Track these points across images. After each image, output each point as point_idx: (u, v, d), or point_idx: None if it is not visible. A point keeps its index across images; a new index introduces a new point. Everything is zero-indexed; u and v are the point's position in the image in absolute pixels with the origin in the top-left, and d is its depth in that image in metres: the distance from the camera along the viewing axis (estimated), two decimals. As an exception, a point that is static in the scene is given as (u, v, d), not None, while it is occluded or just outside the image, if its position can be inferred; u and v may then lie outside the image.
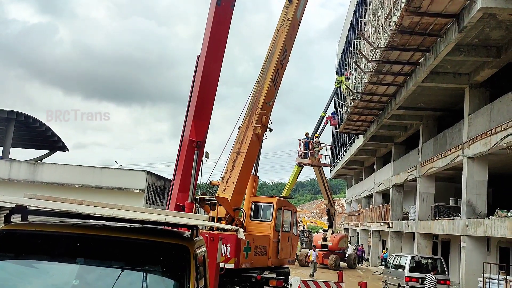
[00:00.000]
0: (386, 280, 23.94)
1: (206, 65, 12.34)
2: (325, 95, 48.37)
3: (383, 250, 40.68)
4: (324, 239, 36.32)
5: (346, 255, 36.96)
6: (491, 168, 22.05)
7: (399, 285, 21.50)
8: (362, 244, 45.85)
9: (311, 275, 26.48)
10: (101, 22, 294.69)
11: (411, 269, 21.03)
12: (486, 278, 18.50)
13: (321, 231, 43.30)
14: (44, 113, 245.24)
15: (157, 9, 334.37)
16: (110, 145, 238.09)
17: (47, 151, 34.91)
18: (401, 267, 21.80)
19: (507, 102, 18.40)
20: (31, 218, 4.92)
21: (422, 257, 22.41)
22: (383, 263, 35.22)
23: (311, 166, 34.10)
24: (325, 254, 34.73)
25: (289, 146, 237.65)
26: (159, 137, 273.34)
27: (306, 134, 34.77)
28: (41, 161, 32.89)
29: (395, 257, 24.05)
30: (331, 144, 53.24)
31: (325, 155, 36.13)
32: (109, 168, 31.21)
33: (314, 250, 30.28)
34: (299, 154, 34.61)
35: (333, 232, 37.33)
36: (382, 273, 28.31)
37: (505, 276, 17.84)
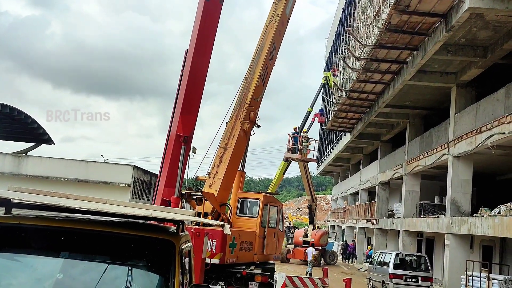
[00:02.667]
0: (370, 277, 24.13)
1: (194, 59, 12.29)
2: (314, 93, 48.51)
3: (368, 247, 40.80)
4: (306, 235, 36.02)
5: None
6: (476, 167, 22.29)
7: (383, 281, 21.61)
8: (354, 241, 44.70)
9: (310, 274, 26.09)
10: (93, 17, 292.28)
11: (395, 266, 21.10)
12: (469, 276, 18.73)
13: (307, 227, 43.24)
14: (32, 105, 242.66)
15: (151, 5, 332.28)
16: (98, 139, 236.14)
17: (32, 144, 34.53)
18: (386, 264, 21.88)
19: (493, 102, 18.59)
20: (15, 211, 4.87)
21: (406, 254, 22.54)
22: (367, 260, 35.39)
23: (300, 161, 33.94)
24: (306, 250, 34.51)
25: (278, 143, 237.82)
26: (148, 132, 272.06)
27: (295, 129, 34.47)
28: (26, 153, 32.56)
29: (379, 254, 24.16)
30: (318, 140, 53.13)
31: (313, 151, 36.10)
32: (95, 161, 31.02)
33: (314, 248, 30.12)
34: (288, 149, 34.39)
35: (313, 228, 37.17)
36: (366, 270, 28.50)
37: (487, 274, 18.06)
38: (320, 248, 35.33)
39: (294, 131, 34.08)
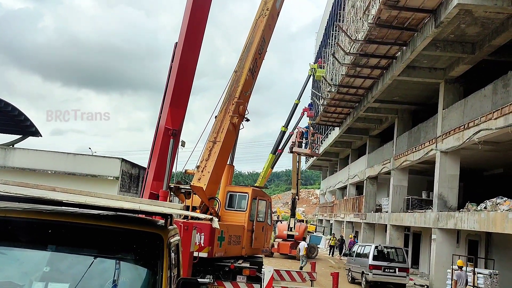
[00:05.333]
0: (349, 268, 24.82)
1: (183, 52, 12.21)
2: (306, 88, 47.81)
3: (350, 235, 40.35)
4: (290, 229, 35.31)
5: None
6: (463, 162, 22.48)
7: (363, 272, 22.40)
8: (355, 236, 40.84)
9: (301, 268, 26.05)
10: (86, 10, 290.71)
11: (375, 258, 21.96)
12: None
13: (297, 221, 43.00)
14: (21, 98, 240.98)
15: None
16: (88, 132, 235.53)
17: (19, 136, 34.24)
18: (365, 255, 22.69)
19: (480, 98, 18.73)
20: (1, 204, 4.81)
21: (384, 247, 23.52)
22: (346, 251, 35.46)
23: (310, 156, 33.50)
24: (292, 244, 34.05)
25: (267, 137, 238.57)
26: (139, 125, 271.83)
27: (309, 123, 33.79)
28: (13, 146, 32.27)
29: (358, 247, 24.98)
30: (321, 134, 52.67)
31: (318, 145, 35.83)
32: (83, 154, 30.84)
33: (305, 241, 30.05)
34: (295, 143, 33.79)
35: (295, 222, 36.75)
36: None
37: (473, 268, 18.27)
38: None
39: (306, 126, 33.44)
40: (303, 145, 33.90)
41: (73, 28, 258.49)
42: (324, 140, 50.45)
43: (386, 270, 21.58)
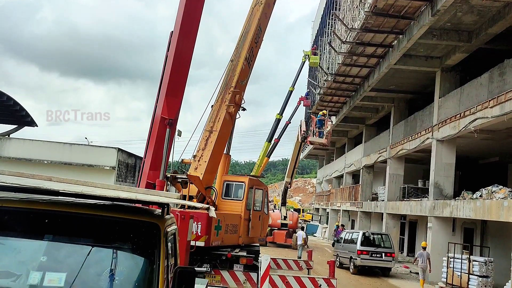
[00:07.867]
0: (337, 254, 25.60)
1: (179, 40, 12.12)
2: (303, 78, 47.38)
3: (337, 223, 40.11)
4: (284, 218, 35.13)
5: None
6: (459, 151, 22.54)
7: (351, 257, 23.32)
8: (343, 225, 40.93)
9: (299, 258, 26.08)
10: (85, 1, 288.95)
11: (362, 244, 22.91)
12: (450, 257, 19.06)
13: (292, 210, 43.06)
14: (18, 88, 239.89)
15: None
16: (86, 122, 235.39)
17: (15, 126, 34.08)
18: (353, 241, 23.62)
19: (476, 86, 18.74)
20: (-4, 194, 4.80)
21: (371, 233, 24.53)
22: (334, 238, 35.59)
23: (324, 145, 32.92)
24: (287, 233, 34.02)
25: (265, 127, 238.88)
26: (137, 115, 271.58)
27: (323, 113, 33.15)
28: (8, 136, 32.14)
29: (346, 233, 25.97)
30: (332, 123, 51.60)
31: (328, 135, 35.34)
32: (79, 144, 30.76)
33: (303, 230, 30.02)
34: (310, 132, 33.17)
35: (286, 210, 36.45)
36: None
37: (468, 256, 18.39)
38: (293, 230, 34.89)
39: (321, 115, 32.72)
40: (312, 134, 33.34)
41: (72, 19, 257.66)
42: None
43: (373, 255, 22.70)
